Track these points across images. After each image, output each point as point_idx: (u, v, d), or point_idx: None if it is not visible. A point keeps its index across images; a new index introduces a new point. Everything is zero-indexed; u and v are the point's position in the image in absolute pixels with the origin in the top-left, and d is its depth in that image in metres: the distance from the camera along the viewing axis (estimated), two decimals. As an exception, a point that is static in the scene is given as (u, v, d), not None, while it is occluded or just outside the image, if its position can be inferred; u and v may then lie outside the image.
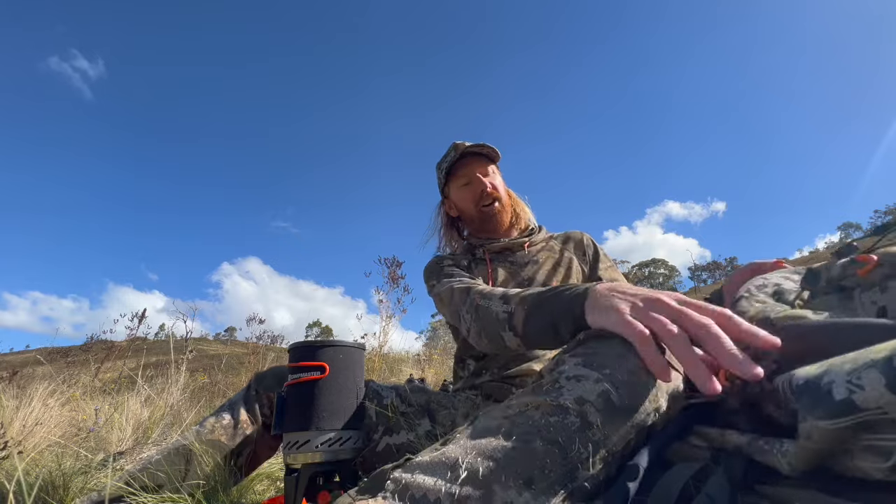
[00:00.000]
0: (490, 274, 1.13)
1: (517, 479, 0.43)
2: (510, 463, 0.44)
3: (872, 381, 0.32)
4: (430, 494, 0.42)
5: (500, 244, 1.17)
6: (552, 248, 1.21)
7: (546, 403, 0.49)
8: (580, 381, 0.49)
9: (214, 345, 22.76)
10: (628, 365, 0.51)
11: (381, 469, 0.47)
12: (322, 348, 0.75)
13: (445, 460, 0.45)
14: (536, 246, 1.21)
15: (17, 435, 1.47)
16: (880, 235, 0.67)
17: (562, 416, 0.47)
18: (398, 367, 4.30)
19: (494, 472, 0.44)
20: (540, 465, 0.44)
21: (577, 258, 1.19)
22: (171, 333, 3.25)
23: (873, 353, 0.33)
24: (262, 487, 1.19)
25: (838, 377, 0.34)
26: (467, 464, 0.44)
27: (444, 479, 0.43)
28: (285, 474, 0.72)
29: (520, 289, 0.78)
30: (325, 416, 0.72)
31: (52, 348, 5.65)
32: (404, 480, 0.44)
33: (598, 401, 0.48)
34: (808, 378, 0.37)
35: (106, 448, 1.58)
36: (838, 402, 0.33)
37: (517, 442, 0.46)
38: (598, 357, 0.52)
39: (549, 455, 0.45)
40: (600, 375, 0.50)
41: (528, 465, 0.44)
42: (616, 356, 0.52)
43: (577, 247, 1.22)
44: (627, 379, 0.50)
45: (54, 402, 1.85)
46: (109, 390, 2.88)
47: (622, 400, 0.48)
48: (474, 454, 0.45)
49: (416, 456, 0.47)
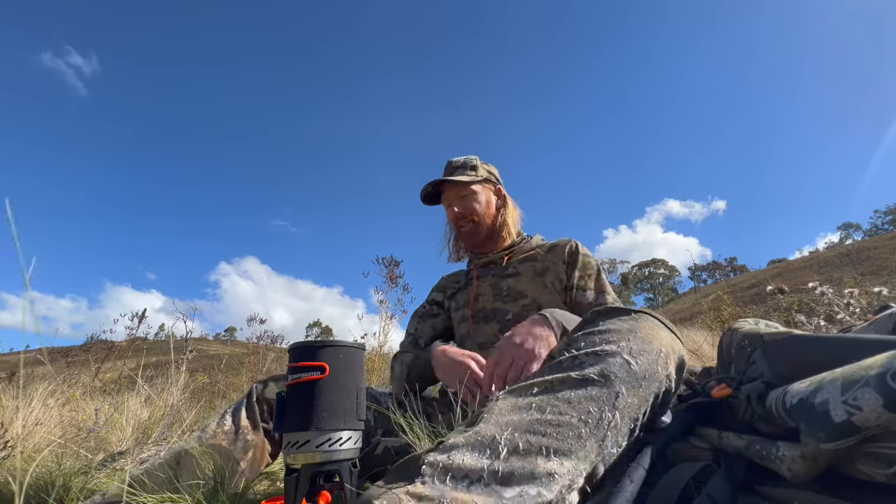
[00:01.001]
0: (475, 290, 1.25)
1: (557, 449, 0.45)
2: (548, 435, 0.46)
3: (869, 401, 0.32)
4: (473, 473, 0.43)
5: (486, 258, 1.30)
6: (536, 256, 1.25)
7: (570, 378, 0.51)
8: (599, 356, 0.53)
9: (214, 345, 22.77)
10: (639, 334, 0.56)
11: (411, 455, 0.47)
12: (322, 348, 0.75)
13: (482, 439, 0.46)
14: (520, 256, 1.27)
15: (18, 435, 1.47)
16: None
17: (589, 386, 0.50)
18: (398, 367, 4.30)
19: (534, 444, 0.45)
20: (576, 435, 0.46)
21: (558, 265, 1.23)
22: (171, 333, 3.25)
23: (864, 370, 0.34)
24: (262, 487, 1.19)
25: (832, 396, 0.35)
26: (505, 440, 0.45)
27: (485, 457, 0.44)
28: (285, 474, 0.72)
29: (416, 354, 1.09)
30: (325, 417, 0.72)
31: (53, 348, 5.64)
32: (441, 463, 0.44)
33: (620, 370, 0.51)
34: (801, 397, 0.37)
35: (106, 448, 1.58)
36: (838, 424, 0.34)
37: (551, 414, 0.48)
38: (610, 333, 0.57)
39: (584, 424, 0.47)
40: (617, 348, 0.54)
41: (565, 435, 0.46)
42: (627, 330, 0.57)
43: (559, 254, 1.25)
44: (641, 347, 0.55)
45: (54, 402, 1.85)
46: (109, 390, 2.88)
47: (641, 367, 0.53)
48: (510, 430, 0.46)
49: (447, 438, 0.48)
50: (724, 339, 0.67)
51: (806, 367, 0.42)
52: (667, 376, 0.55)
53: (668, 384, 0.55)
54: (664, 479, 0.45)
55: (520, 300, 1.17)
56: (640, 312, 0.63)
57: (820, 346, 0.45)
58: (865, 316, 2.44)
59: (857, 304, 2.65)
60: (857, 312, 2.58)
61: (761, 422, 0.44)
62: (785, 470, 0.38)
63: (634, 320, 0.59)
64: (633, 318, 0.60)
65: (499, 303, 1.19)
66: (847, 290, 2.76)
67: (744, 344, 0.59)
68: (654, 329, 0.59)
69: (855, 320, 2.49)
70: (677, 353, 0.59)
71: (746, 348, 0.58)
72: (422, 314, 1.36)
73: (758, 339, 0.56)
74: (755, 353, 0.55)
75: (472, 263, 1.35)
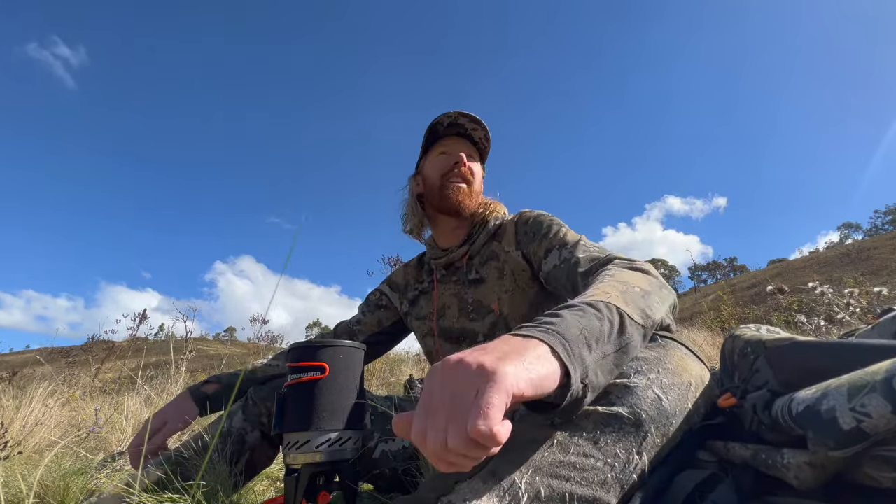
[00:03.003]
0: (436, 301, 1.06)
1: (581, 496, 0.41)
2: (571, 480, 0.42)
3: (878, 407, 0.32)
4: None
5: (445, 257, 1.07)
6: (494, 252, 1.02)
7: (597, 412, 0.46)
8: (629, 389, 0.48)
9: (214, 345, 22.78)
10: (668, 366, 0.51)
11: (421, 497, 0.44)
12: (322, 348, 0.75)
13: (500, 482, 0.42)
14: (480, 254, 1.04)
15: (17, 435, 1.47)
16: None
17: (617, 426, 0.45)
18: (398, 367, 4.30)
19: (557, 490, 0.41)
20: (601, 481, 0.42)
21: (511, 253, 1.00)
22: (171, 333, 3.25)
23: (870, 376, 0.34)
24: (262, 487, 1.19)
25: (839, 403, 0.34)
26: (526, 485, 0.41)
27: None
28: (285, 474, 0.72)
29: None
30: (325, 417, 0.72)
31: (53, 348, 5.64)
32: None
33: (650, 408, 0.46)
34: (807, 404, 0.37)
35: (106, 448, 1.58)
36: (847, 431, 0.33)
37: (574, 456, 0.43)
38: (639, 362, 0.51)
39: (611, 469, 0.43)
40: (647, 381, 0.49)
41: (589, 480, 0.42)
42: (655, 360, 0.52)
43: (509, 239, 1.02)
44: (671, 381, 0.50)
45: (54, 402, 1.85)
46: (109, 390, 2.88)
47: (671, 404, 0.48)
48: (531, 472, 0.42)
49: (463, 481, 0.43)
50: (726, 346, 0.66)
51: (810, 374, 0.42)
52: (695, 411, 0.51)
53: (697, 419, 0.51)
54: (669, 489, 0.45)
55: (487, 317, 0.98)
56: (667, 338, 0.58)
57: (824, 352, 0.44)
58: (866, 317, 2.44)
59: (857, 304, 2.65)
60: (857, 313, 2.58)
61: (768, 431, 0.44)
62: (792, 478, 0.38)
63: (662, 348, 0.54)
64: (660, 346, 0.55)
65: (465, 321, 1.01)
66: (847, 290, 2.76)
67: (746, 351, 0.58)
68: (682, 359, 0.55)
69: (855, 320, 2.49)
70: (706, 384, 0.55)
71: (749, 355, 0.57)
72: (372, 302, 1.19)
73: (760, 346, 0.55)
74: (758, 360, 0.54)
75: (432, 261, 1.11)
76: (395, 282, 1.19)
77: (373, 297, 1.20)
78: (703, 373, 0.56)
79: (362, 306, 1.21)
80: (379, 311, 1.18)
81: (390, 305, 1.18)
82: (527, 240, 0.97)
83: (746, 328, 0.66)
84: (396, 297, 1.17)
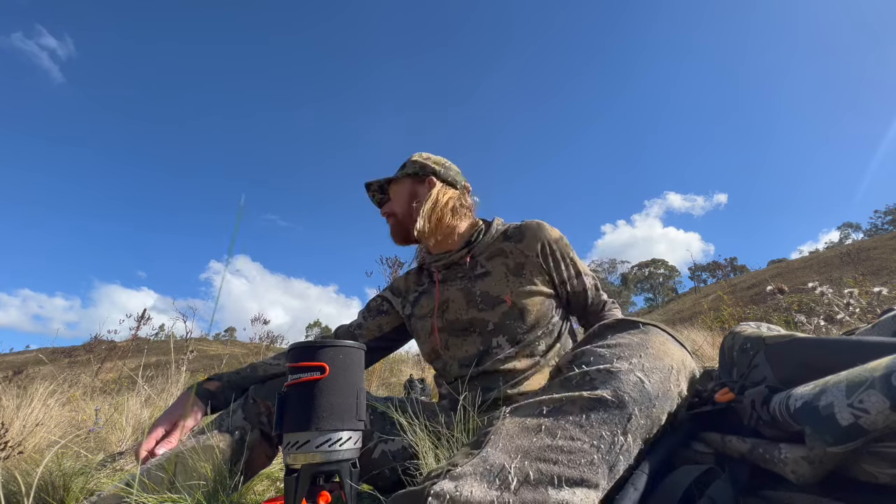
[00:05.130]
0: (438, 297, 1.09)
1: (569, 478, 0.43)
2: (559, 462, 0.44)
3: (876, 403, 0.32)
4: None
5: (446, 259, 1.11)
6: (503, 250, 1.08)
7: (582, 397, 0.49)
8: (612, 374, 0.50)
9: (215, 345, 22.79)
10: (650, 350, 0.53)
11: (420, 487, 0.45)
12: (322, 348, 0.75)
13: (490, 467, 0.44)
14: (485, 253, 1.10)
15: (18, 435, 1.47)
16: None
17: (602, 409, 0.47)
18: (398, 367, 4.30)
19: (545, 473, 0.43)
20: (588, 462, 0.44)
21: (532, 258, 1.05)
22: (171, 333, 3.25)
23: (868, 372, 0.34)
24: (262, 488, 1.19)
25: (837, 399, 0.34)
26: (515, 469, 0.43)
27: (494, 488, 0.42)
28: (285, 474, 0.72)
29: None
30: (325, 417, 0.72)
31: (54, 348, 5.65)
32: (449, 495, 0.42)
33: (633, 390, 0.48)
34: (805, 400, 0.37)
35: (106, 448, 1.59)
36: (845, 427, 0.34)
37: (562, 440, 0.45)
38: (621, 348, 0.54)
39: (596, 450, 0.45)
40: (629, 365, 0.51)
41: (577, 462, 0.44)
42: (637, 345, 0.54)
43: (531, 245, 1.06)
44: (653, 364, 0.52)
45: (54, 402, 1.85)
46: (109, 390, 2.88)
47: (654, 386, 0.50)
48: (520, 457, 0.44)
49: (454, 467, 0.45)
50: (726, 342, 0.66)
51: (809, 370, 0.42)
52: (679, 394, 0.52)
53: (680, 402, 0.53)
54: (666, 482, 0.45)
55: (498, 307, 1.02)
56: (648, 325, 0.60)
57: (823, 349, 0.44)
58: (866, 318, 2.44)
59: (857, 304, 2.65)
60: (857, 313, 2.58)
61: (766, 426, 0.44)
62: (789, 472, 0.38)
63: (644, 333, 0.56)
64: (642, 332, 0.57)
65: (474, 311, 1.04)
66: (847, 290, 2.76)
67: (746, 347, 0.58)
68: (664, 343, 0.57)
69: (855, 320, 2.49)
70: (689, 368, 0.56)
71: (748, 352, 0.57)
72: (373, 308, 1.22)
73: (760, 343, 0.55)
74: (757, 356, 0.54)
75: (431, 265, 1.16)
76: (397, 287, 1.24)
77: (374, 303, 1.23)
78: (684, 357, 0.58)
79: (363, 311, 1.24)
80: (380, 316, 1.21)
81: (392, 310, 1.21)
82: (559, 262, 1.08)
83: (747, 325, 0.66)
84: (399, 301, 1.21)
